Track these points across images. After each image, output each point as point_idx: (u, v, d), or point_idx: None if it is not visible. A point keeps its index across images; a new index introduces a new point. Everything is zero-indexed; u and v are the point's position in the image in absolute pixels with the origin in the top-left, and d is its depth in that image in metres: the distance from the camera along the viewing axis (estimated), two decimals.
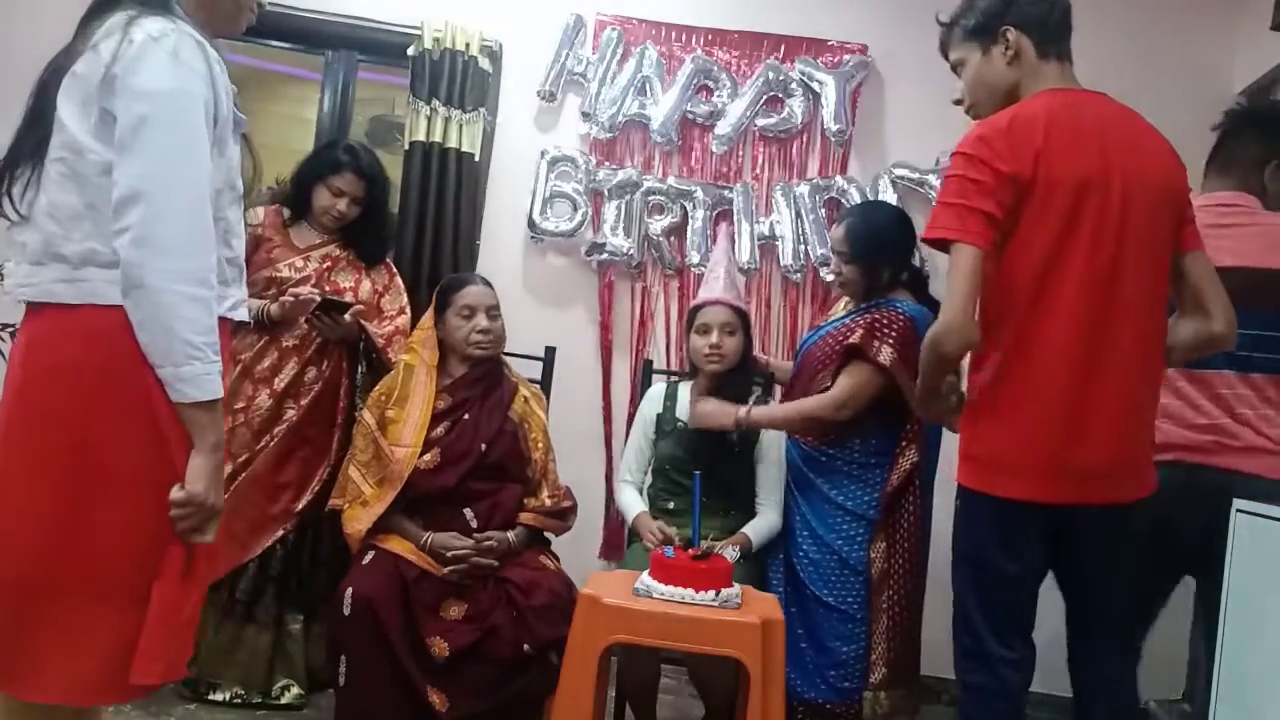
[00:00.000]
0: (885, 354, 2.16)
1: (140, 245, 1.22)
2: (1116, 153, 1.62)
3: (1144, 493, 1.68)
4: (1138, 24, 3.13)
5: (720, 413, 2.30)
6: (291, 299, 2.41)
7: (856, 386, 2.19)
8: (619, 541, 3.07)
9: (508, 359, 2.50)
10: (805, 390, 2.32)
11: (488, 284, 2.43)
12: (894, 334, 2.17)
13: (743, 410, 2.27)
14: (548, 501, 2.35)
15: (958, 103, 1.87)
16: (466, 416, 2.30)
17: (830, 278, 2.50)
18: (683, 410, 2.44)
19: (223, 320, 1.37)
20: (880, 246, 2.29)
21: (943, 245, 1.62)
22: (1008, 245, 1.62)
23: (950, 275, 1.59)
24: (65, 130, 1.28)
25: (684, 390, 2.49)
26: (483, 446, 2.27)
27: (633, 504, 2.42)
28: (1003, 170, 1.57)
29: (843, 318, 2.36)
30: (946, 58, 1.89)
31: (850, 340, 2.20)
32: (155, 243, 1.22)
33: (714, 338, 2.35)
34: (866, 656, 2.18)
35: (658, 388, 2.55)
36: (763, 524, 2.33)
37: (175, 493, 1.28)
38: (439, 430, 2.28)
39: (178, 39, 1.28)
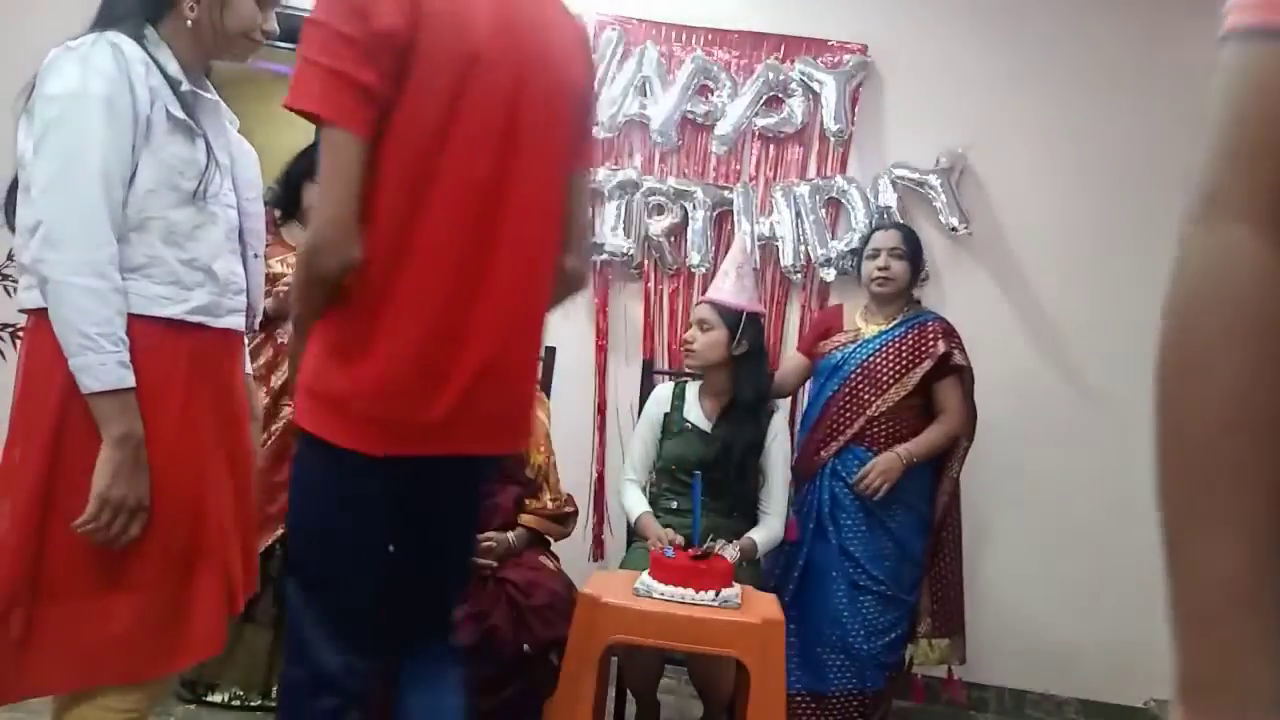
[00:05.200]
0: (960, 357, 2.50)
1: (42, 243, 1.26)
2: (524, 30, 1.30)
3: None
4: (1136, 24, 3.13)
5: (891, 467, 2.41)
6: (286, 288, 2.40)
7: (962, 395, 2.52)
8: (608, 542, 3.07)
9: None
10: (876, 396, 2.48)
11: None
12: (958, 339, 2.52)
13: (903, 450, 2.43)
14: (549, 505, 2.35)
15: None
16: None
17: (876, 274, 2.54)
18: (690, 411, 2.45)
19: (178, 322, 1.38)
20: (921, 249, 2.63)
21: (309, 115, 1.23)
22: (384, 129, 1.23)
23: (325, 170, 1.22)
24: (18, 147, 1.35)
25: (691, 391, 2.49)
26: None
27: (636, 504, 2.41)
28: (380, 24, 1.18)
29: (893, 329, 2.52)
30: None
31: (938, 350, 2.48)
32: (52, 239, 1.26)
33: (689, 333, 2.42)
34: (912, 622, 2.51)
35: (665, 388, 2.55)
36: (767, 532, 2.35)
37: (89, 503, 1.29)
38: None
39: (92, 46, 1.31)
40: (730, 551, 2.15)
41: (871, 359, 2.50)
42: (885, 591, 2.42)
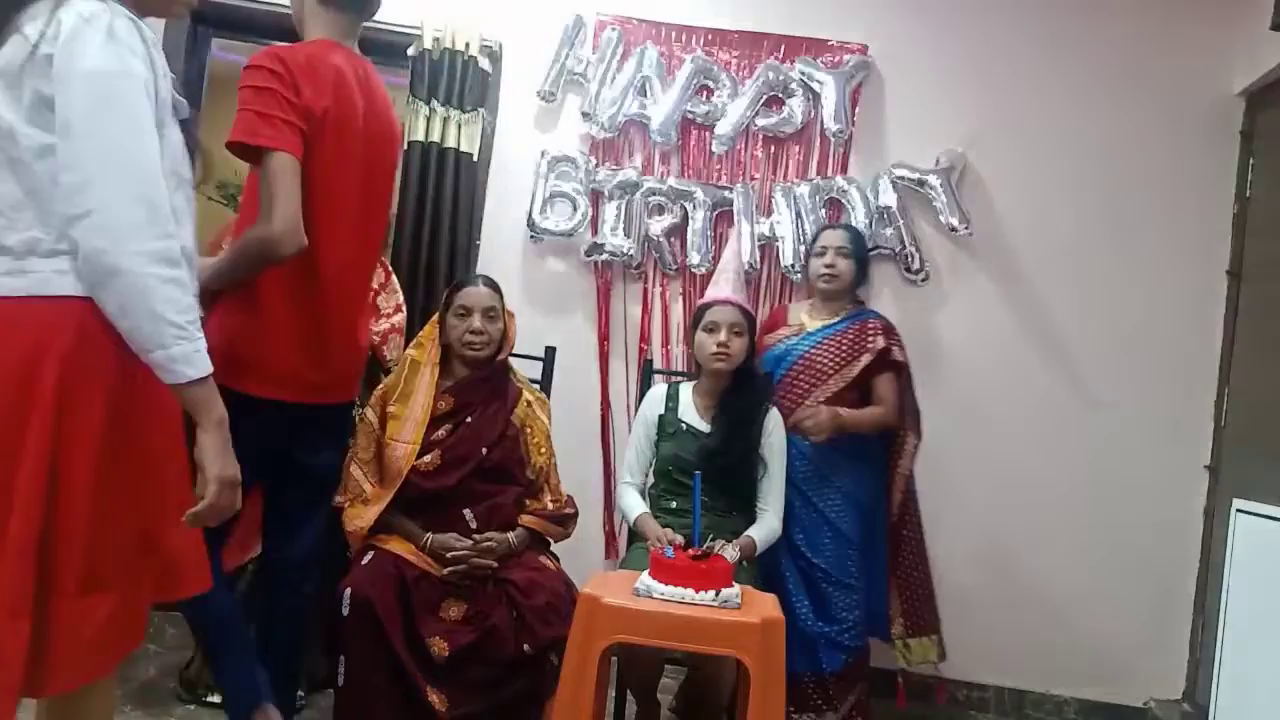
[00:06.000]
0: (899, 354, 2.57)
1: (105, 231, 1.19)
2: (379, 110, 1.95)
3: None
4: (1136, 26, 3.13)
5: (827, 415, 2.40)
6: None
7: (898, 390, 2.57)
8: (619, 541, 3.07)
9: (514, 363, 2.49)
10: (815, 386, 2.53)
11: (492, 285, 2.41)
12: (898, 337, 2.60)
13: (844, 410, 2.45)
14: (550, 506, 2.35)
15: None
16: (469, 420, 2.29)
17: (823, 271, 2.60)
18: (685, 411, 2.45)
19: None
20: (867, 249, 2.76)
21: (251, 153, 1.72)
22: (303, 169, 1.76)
23: (277, 181, 1.70)
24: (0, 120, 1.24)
25: (685, 391, 2.49)
26: (484, 450, 2.27)
27: (634, 505, 2.41)
28: (307, 99, 1.75)
29: (836, 324, 2.59)
30: None
31: (877, 345, 2.54)
32: (120, 227, 1.19)
33: (722, 336, 2.38)
34: (885, 613, 2.60)
35: (659, 389, 2.55)
36: (765, 529, 2.35)
37: (202, 489, 1.29)
38: (441, 432, 2.28)
39: (111, 19, 1.24)
40: (730, 551, 2.15)
41: (813, 351, 2.56)
42: (831, 576, 2.46)
